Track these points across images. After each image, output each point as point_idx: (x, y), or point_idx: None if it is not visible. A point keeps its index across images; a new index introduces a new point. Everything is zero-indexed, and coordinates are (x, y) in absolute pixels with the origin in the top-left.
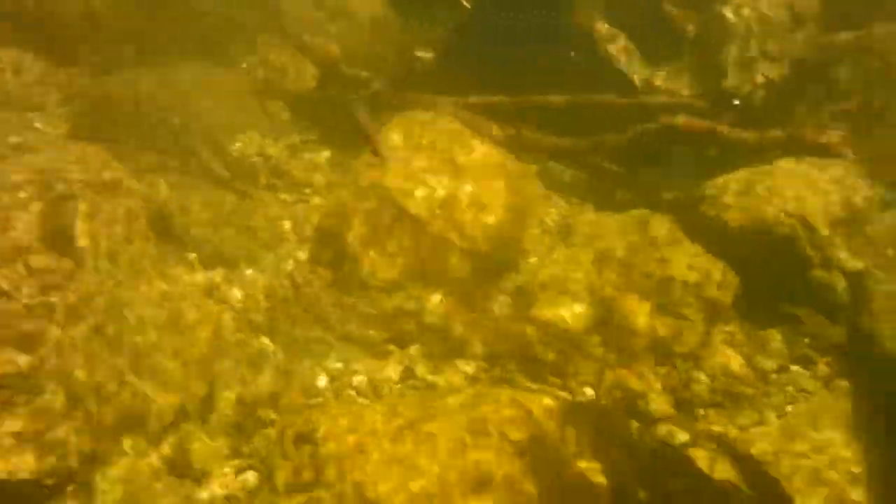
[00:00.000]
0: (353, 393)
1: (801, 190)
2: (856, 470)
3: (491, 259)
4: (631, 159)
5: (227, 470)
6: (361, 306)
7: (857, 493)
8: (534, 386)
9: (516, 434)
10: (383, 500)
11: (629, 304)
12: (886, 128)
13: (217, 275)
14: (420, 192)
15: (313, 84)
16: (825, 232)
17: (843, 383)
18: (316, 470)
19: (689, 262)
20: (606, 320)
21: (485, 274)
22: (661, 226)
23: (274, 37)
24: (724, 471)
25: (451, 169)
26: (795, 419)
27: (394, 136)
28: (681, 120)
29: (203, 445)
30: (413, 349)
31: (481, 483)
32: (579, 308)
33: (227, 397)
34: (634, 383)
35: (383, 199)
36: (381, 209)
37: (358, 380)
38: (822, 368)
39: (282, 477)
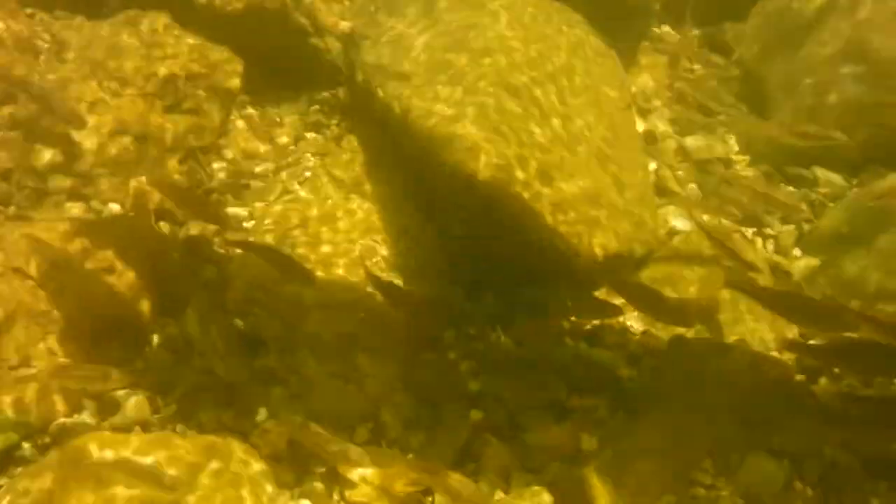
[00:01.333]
0: None
1: None
2: (369, 206)
3: None
4: None
5: None
6: None
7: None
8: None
9: (33, 266)
10: None
11: (136, 106)
12: None
13: None
14: None
15: None
16: None
17: (352, 138)
18: None
19: (190, 54)
20: (122, 132)
21: None
22: (157, 21)
23: None
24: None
25: None
26: (314, 182)
27: None
28: None
29: None
30: None
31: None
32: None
33: None
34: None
35: None
36: None
37: None
38: (334, 130)
39: None
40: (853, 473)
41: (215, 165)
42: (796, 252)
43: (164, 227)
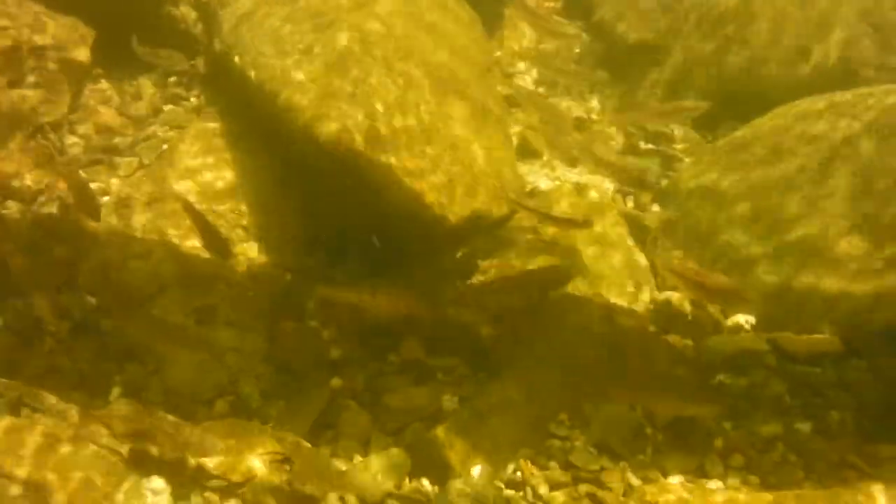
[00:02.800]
0: None
1: None
2: (230, 176)
3: None
4: None
5: None
6: None
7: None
8: None
9: None
10: None
11: None
12: None
13: None
14: None
15: None
16: None
17: (212, 109)
18: None
19: (34, 24)
20: None
21: None
22: None
23: None
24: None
25: None
26: (173, 155)
27: None
28: None
29: None
30: None
31: None
32: None
33: None
34: (6, 166)
35: None
36: None
37: None
38: (192, 101)
39: None
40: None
41: (68, 141)
42: (654, 207)
43: (13, 205)
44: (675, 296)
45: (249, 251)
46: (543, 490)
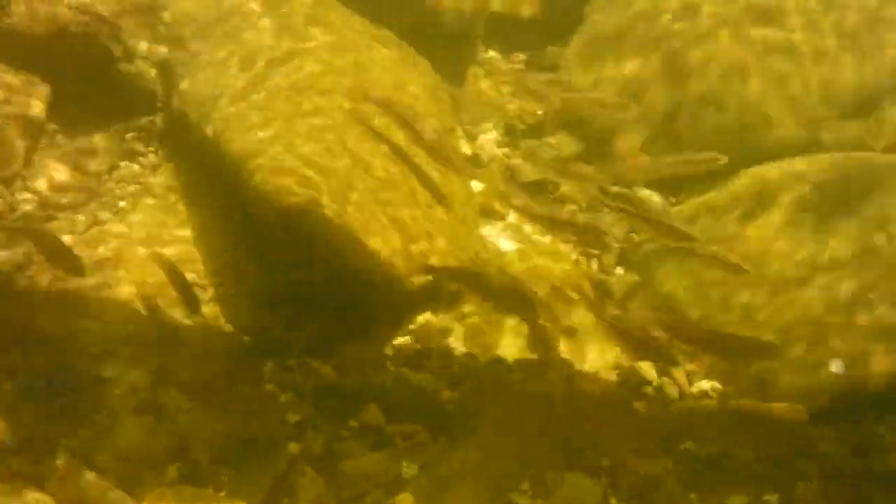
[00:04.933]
0: None
1: None
2: (186, 235)
3: None
4: None
5: None
6: None
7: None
8: None
9: None
10: None
11: None
12: None
13: None
14: None
15: None
16: (122, 24)
17: (170, 166)
18: None
19: None
20: None
21: None
22: None
23: None
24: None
25: None
26: (129, 212)
27: None
28: None
29: None
30: None
31: None
32: None
33: None
34: None
35: None
36: None
37: None
38: (150, 158)
39: None
40: (671, 487)
41: (20, 197)
42: (619, 270)
43: None
44: (642, 362)
45: (206, 311)
46: None
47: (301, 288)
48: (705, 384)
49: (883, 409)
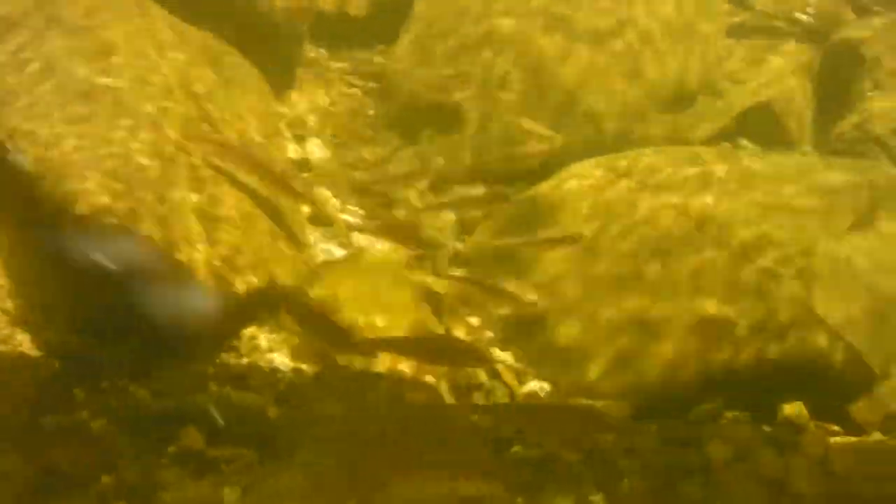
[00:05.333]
0: None
1: None
2: None
3: None
4: None
5: None
6: None
7: None
8: None
9: None
10: None
11: None
12: None
13: None
14: None
15: None
16: None
17: None
18: None
19: None
20: None
21: None
22: None
23: None
24: None
25: None
26: None
27: None
28: None
29: None
30: None
31: None
32: None
33: None
34: None
35: None
36: None
37: None
38: None
39: None
40: (499, 495)
41: None
42: (453, 271)
43: None
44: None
45: (13, 335)
46: None
47: (118, 306)
48: (534, 385)
49: (698, 400)
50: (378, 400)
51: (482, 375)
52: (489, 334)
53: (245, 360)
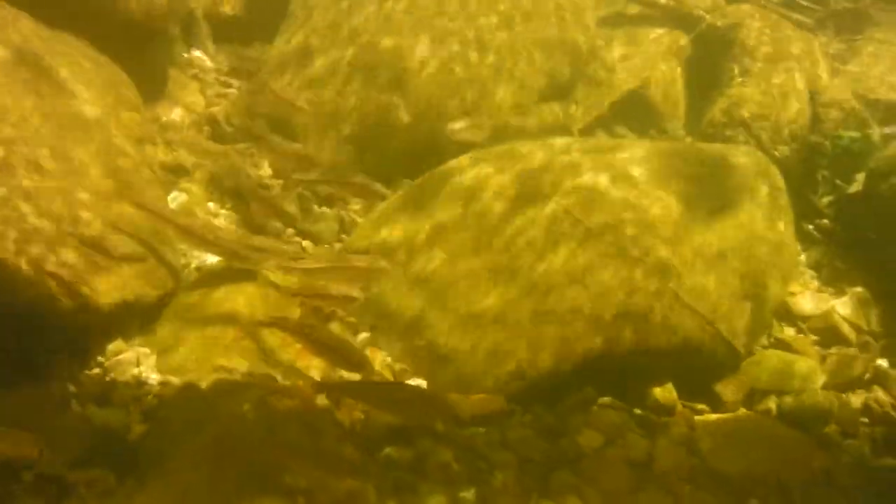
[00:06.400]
0: None
1: None
2: None
3: None
4: None
5: None
6: None
7: None
8: None
9: None
10: None
11: None
12: None
13: None
14: None
15: None
16: None
17: None
18: None
19: None
20: None
21: None
22: None
23: None
24: None
25: None
26: None
27: None
28: None
29: None
30: None
31: None
32: None
33: None
34: None
35: None
36: None
37: None
38: None
39: None
40: (371, 499)
41: None
42: None
43: None
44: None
45: None
46: None
47: None
48: (413, 382)
49: (573, 388)
50: (248, 411)
51: (356, 377)
52: (364, 334)
53: (109, 377)
